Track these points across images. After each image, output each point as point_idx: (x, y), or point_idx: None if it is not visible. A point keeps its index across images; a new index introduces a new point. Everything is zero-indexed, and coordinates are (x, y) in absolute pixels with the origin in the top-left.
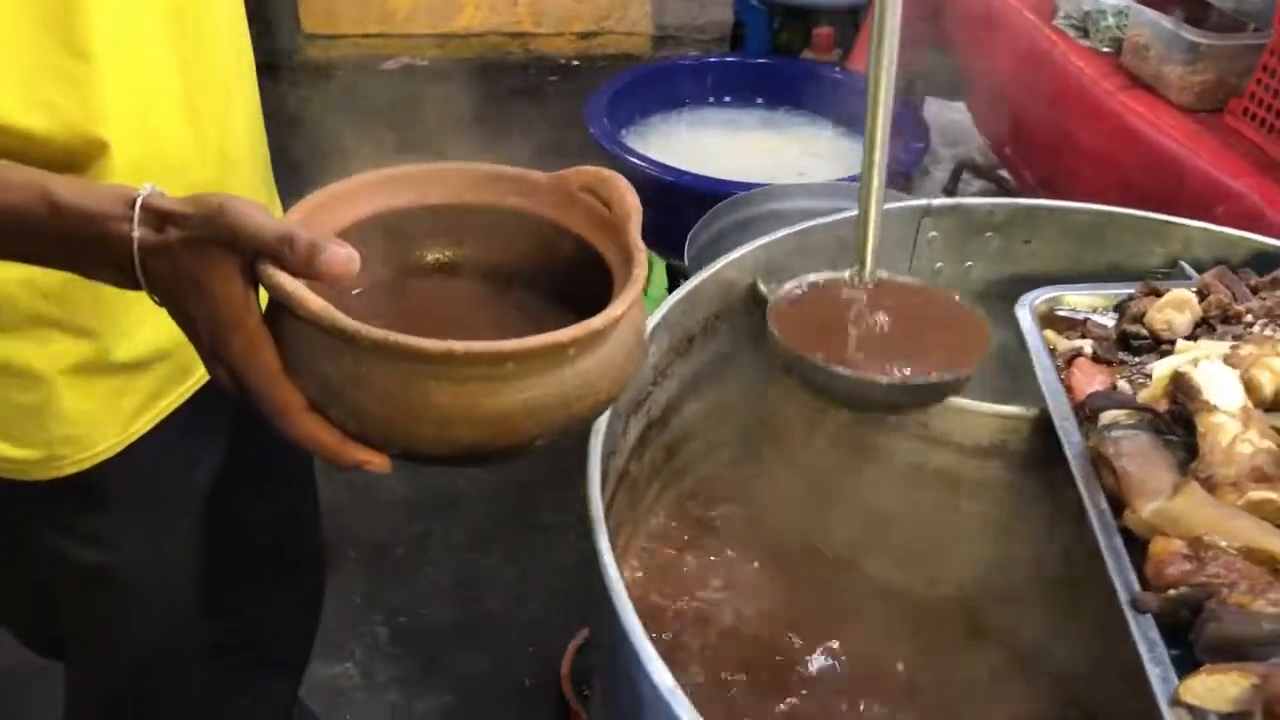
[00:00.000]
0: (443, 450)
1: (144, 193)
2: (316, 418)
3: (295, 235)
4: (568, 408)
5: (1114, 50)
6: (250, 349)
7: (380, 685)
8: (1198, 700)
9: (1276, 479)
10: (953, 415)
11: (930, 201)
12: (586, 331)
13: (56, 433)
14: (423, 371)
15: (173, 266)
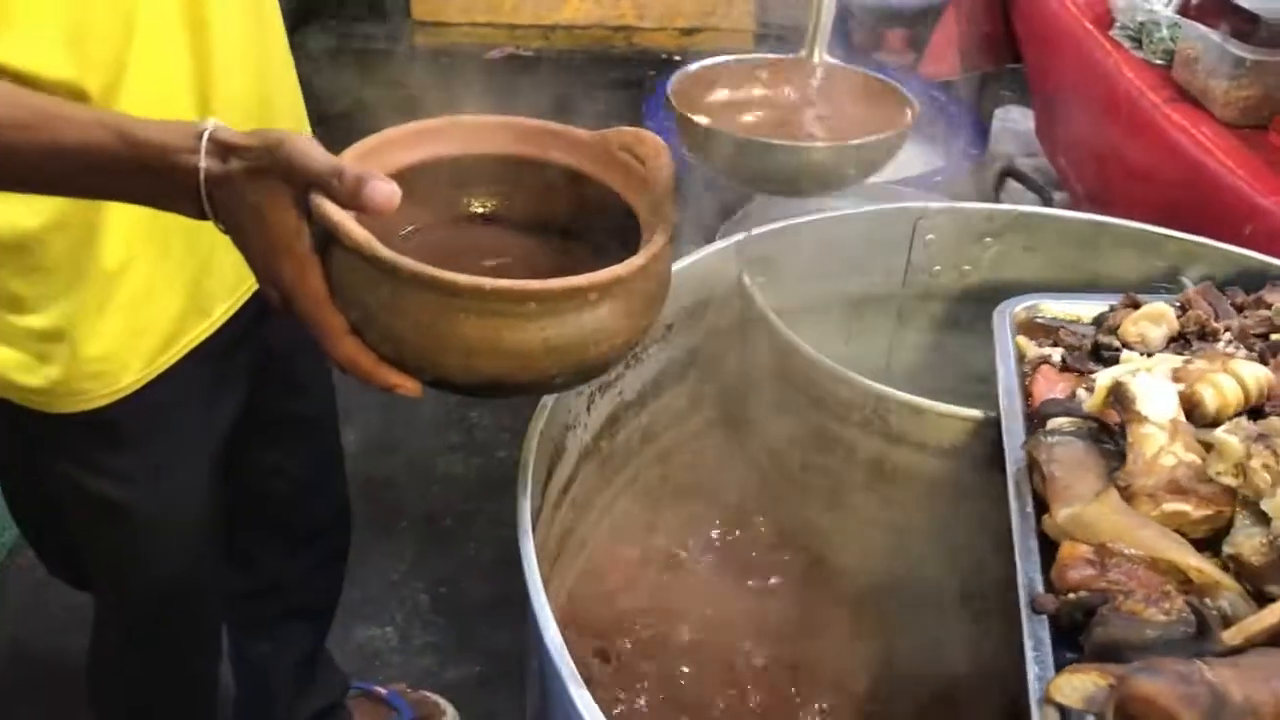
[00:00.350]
0: (468, 380)
1: (210, 126)
2: (356, 341)
3: (344, 168)
4: (585, 349)
5: (1166, 62)
6: (300, 274)
7: (416, 650)
8: (1064, 699)
9: (1192, 493)
10: (912, 415)
11: (926, 205)
12: (608, 278)
13: (82, 368)
14: (453, 304)
15: (235, 195)
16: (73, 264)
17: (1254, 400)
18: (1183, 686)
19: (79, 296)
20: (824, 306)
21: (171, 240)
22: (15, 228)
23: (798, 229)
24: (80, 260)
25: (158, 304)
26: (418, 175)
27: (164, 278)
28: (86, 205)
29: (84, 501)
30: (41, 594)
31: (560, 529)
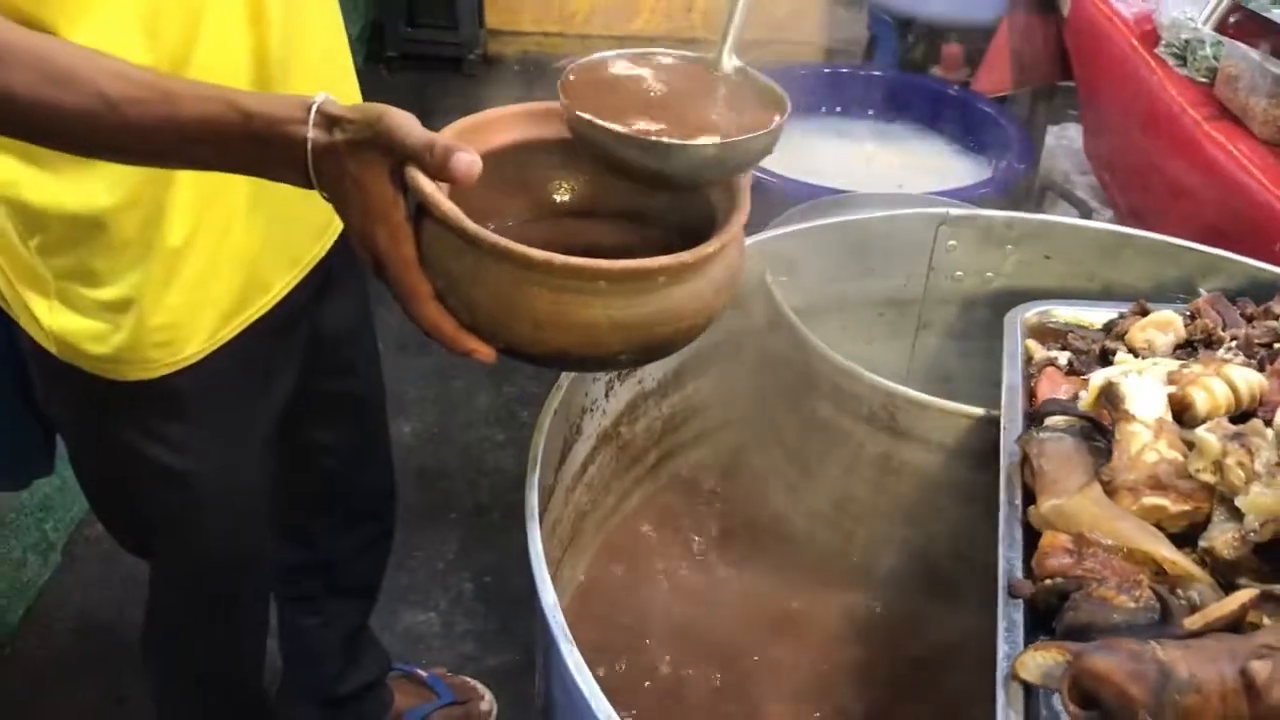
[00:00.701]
0: (536, 349)
1: (320, 99)
2: (439, 306)
3: (435, 141)
4: (650, 329)
5: (1209, 80)
6: (393, 241)
7: (458, 636)
8: (1028, 675)
9: (1171, 488)
10: (918, 411)
11: (948, 210)
12: (674, 262)
13: (148, 337)
14: (527, 276)
15: (338, 165)
16: (142, 240)
17: (1245, 405)
18: (1132, 663)
19: (147, 270)
20: (846, 308)
21: (232, 220)
22: (92, 205)
23: (821, 230)
24: (148, 237)
25: (219, 280)
26: (515, 154)
27: (225, 255)
28: (155, 185)
29: (145, 467)
30: (106, 568)
31: (575, 510)
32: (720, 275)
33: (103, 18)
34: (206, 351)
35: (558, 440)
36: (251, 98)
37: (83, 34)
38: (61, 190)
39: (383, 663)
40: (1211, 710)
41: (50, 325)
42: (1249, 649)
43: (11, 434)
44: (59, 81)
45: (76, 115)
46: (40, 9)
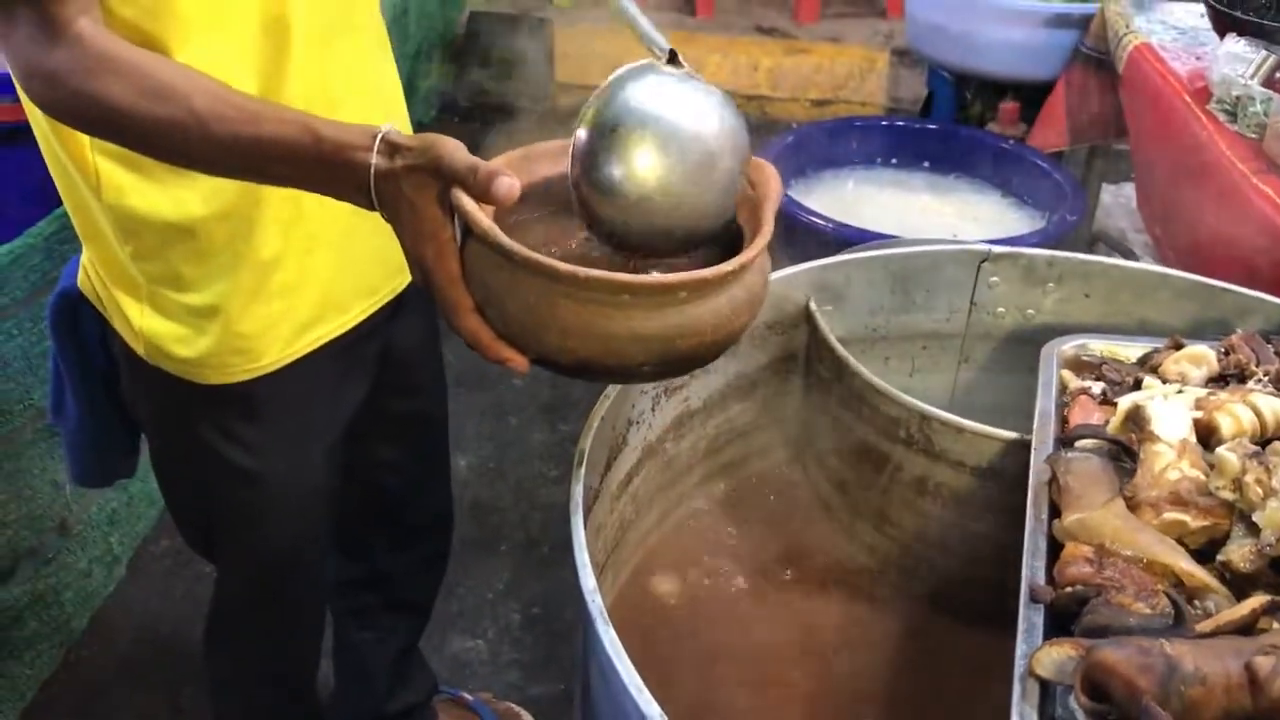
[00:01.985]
0: (563, 359)
1: (385, 129)
2: (479, 318)
3: (479, 165)
4: (671, 342)
5: (1259, 136)
6: (439, 257)
7: (504, 665)
8: (1043, 671)
9: (1192, 504)
10: (953, 434)
11: (990, 247)
12: (696, 278)
13: (229, 343)
14: (555, 289)
15: (395, 188)
16: (232, 251)
17: (1271, 431)
18: (1141, 657)
19: (235, 280)
20: (890, 340)
21: (317, 243)
22: (187, 214)
23: (866, 262)
24: (238, 248)
25: (300, 297)
26: (560, 183)
27: (308, 275)
28: (246, 200)
29: (219, 465)
30: (169, 582)
31: (619, 519)
32: (740, 295)
33: (208, 40)
34: (283, 362)
35: (603, 448)
36: (325, 124)
37: (188, 54)
38: (160, 198)
39: (430, 685)
40: (1216, 702)
41: (140, 327)
42: (1255, 647)
43: (102, 433)
44: (156, 95)
45: (170, 127)
46: (156, 26)
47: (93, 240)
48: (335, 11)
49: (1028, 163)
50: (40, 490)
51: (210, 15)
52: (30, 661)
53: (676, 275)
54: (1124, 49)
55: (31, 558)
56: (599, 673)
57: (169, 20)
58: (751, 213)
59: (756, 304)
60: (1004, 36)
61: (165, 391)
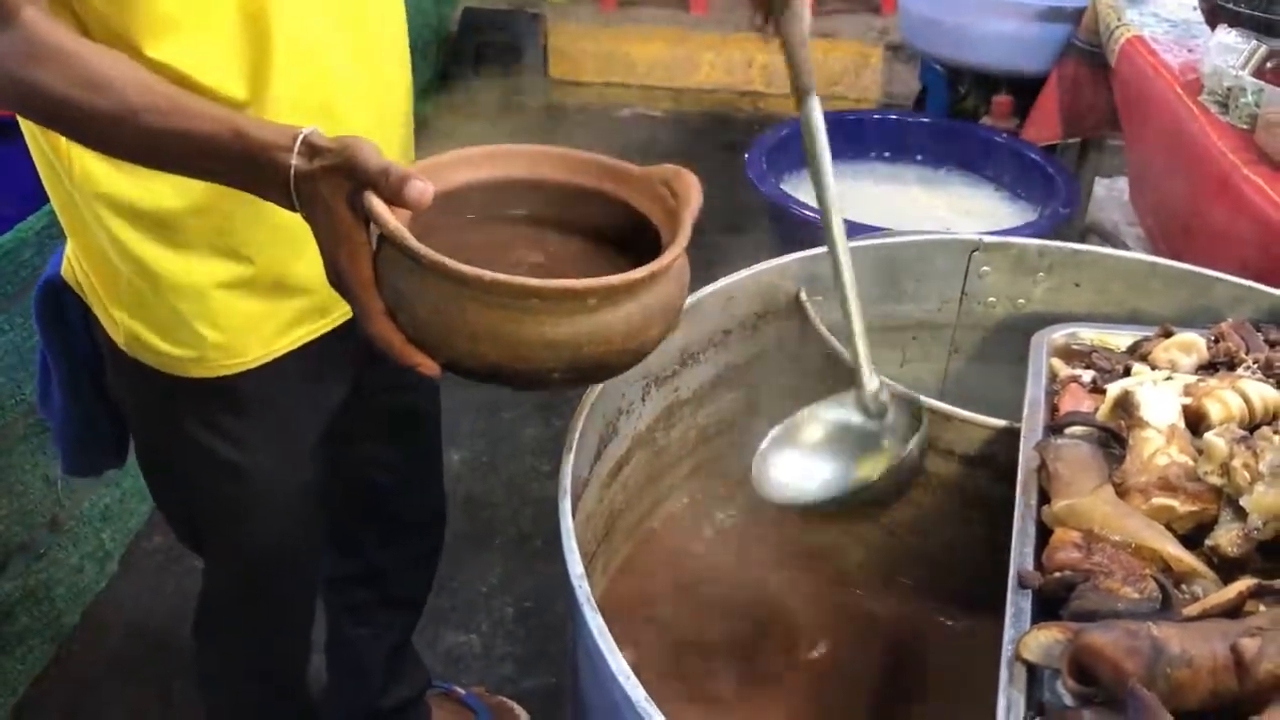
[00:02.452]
0: (473, 363)
1: (306, 131)
2: (390, 322)
3: (390, 168)
4: (580, 349)
5: (1250, 126)
6: (352, 260)
7: (497, 659)
8: (1031, 655)
9: (1181, 490)
10: (942, 422)
11: (981, 237)
12: (604, 285)
13: (210, 339)
14: (463, 292)
15: (313, 190)
16: (210, 246)
17: (1259, 418)
18: (1128, 640)
19: (215, 276)
20: (881, 329)
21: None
22: (160, 205)
23: (856, 252)
24: (217, 244)
25: (284, 295)
26: (481, 190)
27: (292, 273)
28: (224, 197)
29: (203, 458)
30: (161, 578)
31: (609, 508)
32: (654, 303)
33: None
34: (264, 359)
35: (593, 436)
36: (252, 123)
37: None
38: (132, 187)
39: (423, 680)
40: (1202, 684)
41: (122, 321)
42: (1241, 629)
43: (89, 423)
44: (91, 85)
45: (102, 118)
46: (124, 20)
47: (74, 230)
48: (329, 13)
49: (1021, 156)
50: (31, 486)
51: (183, 11)
52: (22, 657)
53: (586, 281)
54: (1116, 42)
55: (23, 553)
56: (587, 660)
57: (139, 15)
58: (670, 221)
59: (671, 313)
60: (997, 30)
61: (148, 384)
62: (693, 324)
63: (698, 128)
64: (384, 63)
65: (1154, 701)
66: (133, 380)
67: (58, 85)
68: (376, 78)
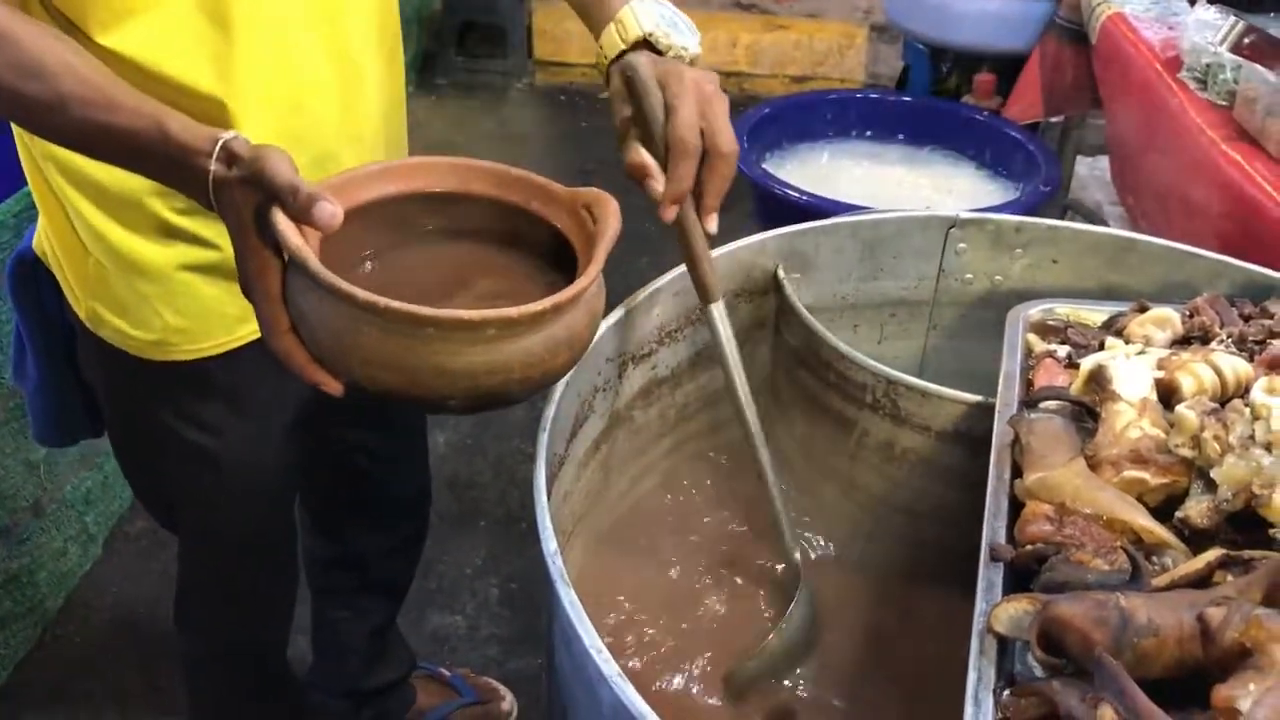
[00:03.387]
0: (371, 386)
1: (227, 136)
2: (294, 338)
3: (299, 186)
4: (475, 379)
5: (1229, 103)
6: (259, 273)
7: (482, 640)
8: (1001, 627)
9: (1152, 462)
10: (918, 398)
11: (958, 214)
12: (501, 316)
13: (170, 322)
14: (358, 316)
15: (229, 197)
16: (171, 229)
17: (1231, 391)
18: (1096, 610)
19: (174, 258)
20: (858, 307)
21: None
22: (123, 185)
23: (834, 229)
24: (181, 225)
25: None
26: (405, 203)
27: None
28: None
29: (172, 440)
30: (144, 562)
31: (587, 486)
32: (560, 334)
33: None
34: (232, 344)
35: (569, 414)
36: (178, 123)
37: (114, 39)
38: (98, 166)
39: (408, 661)
40: (1168, 653)
41: (83, 296)
42: (1207, 599)
43: (63, 394)
44: (26, 71)
45: (35, 105)
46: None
47: (44, 206)
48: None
49: (1002, 135)
50: (13, 470)
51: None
52: (5, 641)
53: (483, 312)
54: (1097, 19)
55: (5, 537)
56: (561, 637)
57: (93, 2)
58: (586, 246)
59: (579, 344)
60: (979, 8)
61: (115, 363)
62: (671, 301)
63: None
64: (363, 58)
65: (1120, 670)
66: (101, 359)
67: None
68: (352, 73)
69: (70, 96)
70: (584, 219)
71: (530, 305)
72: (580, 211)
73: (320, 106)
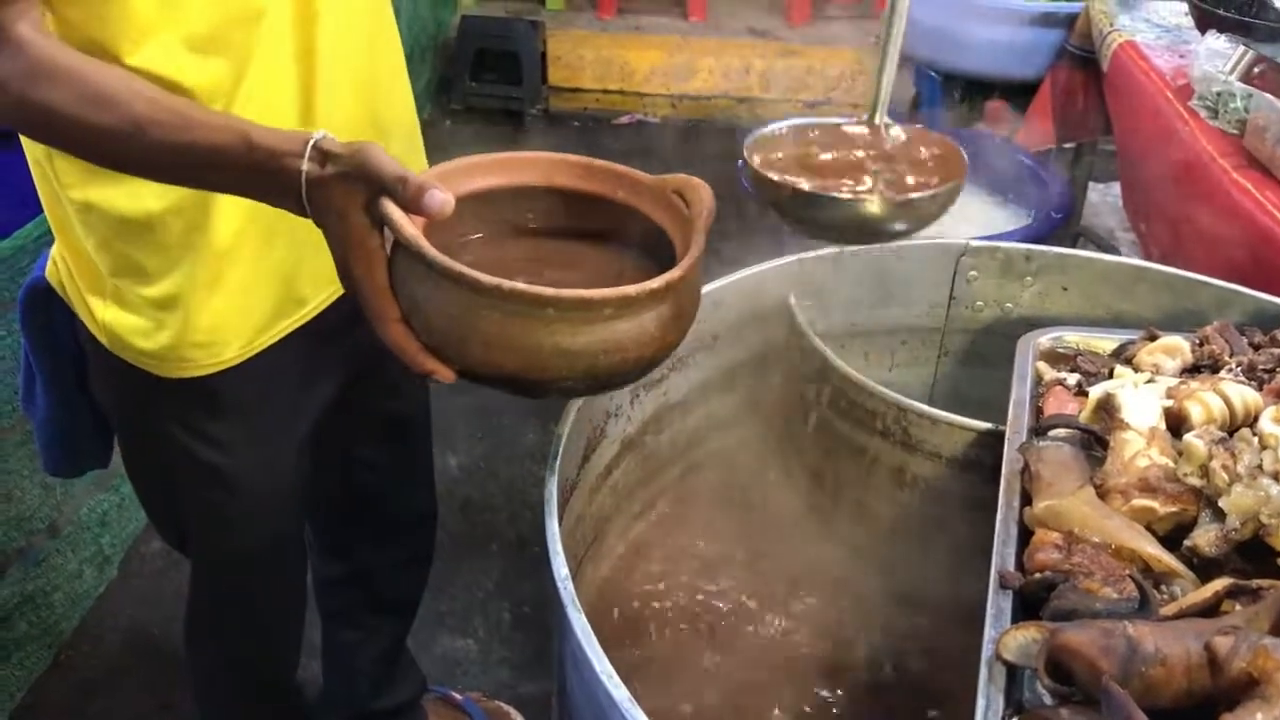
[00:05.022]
0: (487, 371)
1: (318, 136)
2: (404, 328)
3: (408, 176)
4: (593, 358)
5: (1239, 132)
6: (367, 266)
7: (494, 663)
8: (1009, 654)
9: (1160, 491)
10: (929, 425)
11: (968, 242)
12: (619, 295)
13: (191, 336)
14: (478, 301)
15: (325, 196)
16: (188, 243)
17: (1240, 420)
18: (1104, 639)
19: (192, 272)
20: (870, 334)
21: (272, 233)
22: (143, 209)
23: (845, 257)
24: (194, 240)
25: (259, 289)
26: (494, 197)
27: (265, 265)
28: (201, 194)
29: (184, 460)
30: (159, 584)
31: (598, 511)
32: (668, 313)
33: (162, 42)
34: (244, 356)
35: (581, 439)
36: (260, 131)
37: (141, 58)
38: (116, 193)
39: (419, 684)
40: (1176, 682)
41: (103, 319)
42: (1214, 628)
43: (72, 424)
44: (97, 102)
45: (109, 134)
46: (106, 32)
47: (62, 232)
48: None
49: (1014, 161)
50: (29, 492)
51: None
52: (20, 662)
53: (600, 291)
54: (1108, 47)
55: (21, 559)
56: (573, 662)
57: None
58: (683, 230)
59: (686, 322)
60: (990, 36)
61: (130, 385)
62: None
63: (694, 135)
64: (377, 72)
65: (1128, 699)
66: (114, 381)
67: (67, 104)
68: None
69: (145, 120)
70: (675, 204)
71: (646, 283)
72: (670, 197)
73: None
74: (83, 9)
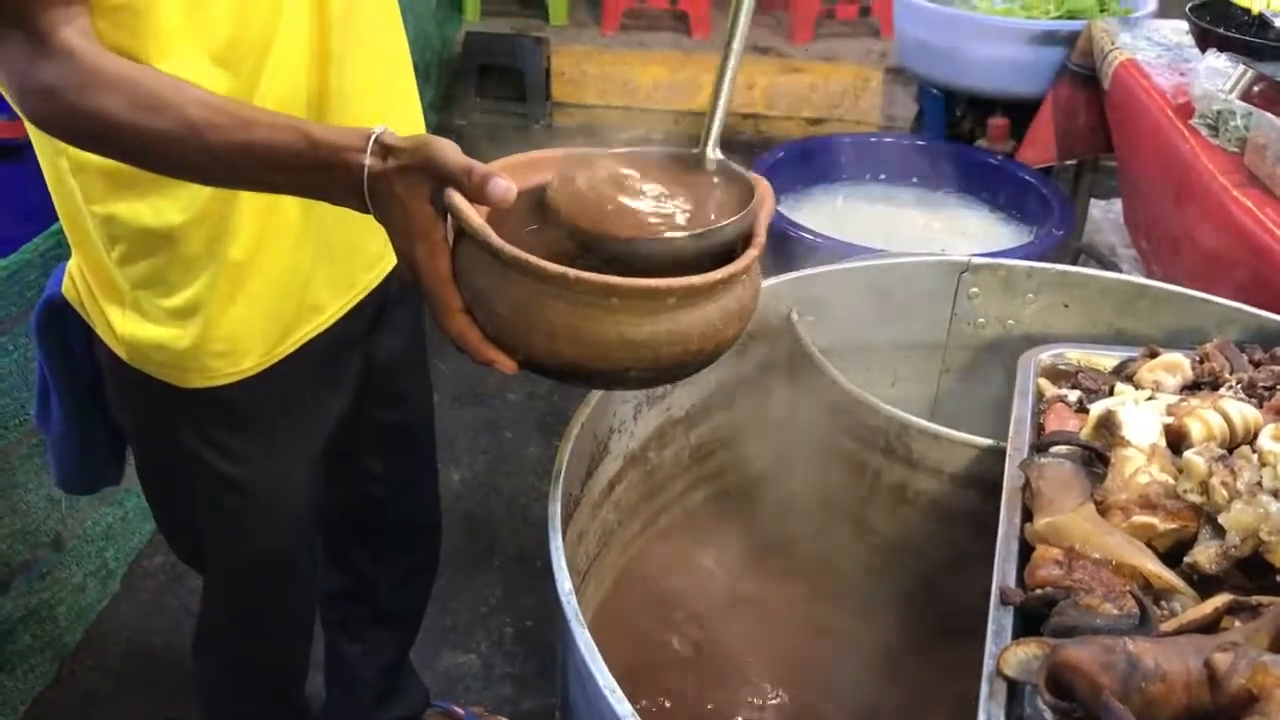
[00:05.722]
0: (551, 361)
1: (377, 131)
2: (467, 318)
3: (474, 166)
4: (658, 349)
5: (1240, 150)
6: (430, 257)
7: (497, 678)
8: (1010, 670)
9: (1160, 507)
10: (931, 441)
11: (970, 259)
12: (684, 285)
13: (210, 346)
14: (543, 290)
15: (388, 189)
16: (208, 253)
17: (1240, 438)
18: (1104, 655)
19: (212, 282)
20: (871, 350)
21: (289, 243)
22: (166, 221)
23: (848, 273)
24: (214, 250)
25: (276, 298)
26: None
27: (282, 275)
28: (220, 203)
29: (200, 471)
30: (162, 598)
31: (602, 527)
32: (731, 305)
33: (186, 52)
34: (262, 366)
35: (584, 455)
36: (319, 128)
37: (169, 65)
38: (141, 206)
39: (422, 698)
40: (1176, 699)
41: (123, 331)
42: (1214, 644)
43: (86, 440)
44: (150, 107)
45: (164, 139)
46: (135, 43)
47: (81, 246)
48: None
49: (1016, 178)
50: (34, 505)
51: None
52: (23, 675)
53: (666, 280)
54: (1110, 65)
55: (25, 572)
56: (575, 677)
57: (145, 33)
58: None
59: (746, 315)
60: (992, 53)
61: (148, 397)
62: None
63: None
64: (388, 79)
65: (1127, 714)
66: (132, 395)
67: (121, 111)
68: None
69: (201, 123)
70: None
71: (711, 274)
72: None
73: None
74: (110, 20)
